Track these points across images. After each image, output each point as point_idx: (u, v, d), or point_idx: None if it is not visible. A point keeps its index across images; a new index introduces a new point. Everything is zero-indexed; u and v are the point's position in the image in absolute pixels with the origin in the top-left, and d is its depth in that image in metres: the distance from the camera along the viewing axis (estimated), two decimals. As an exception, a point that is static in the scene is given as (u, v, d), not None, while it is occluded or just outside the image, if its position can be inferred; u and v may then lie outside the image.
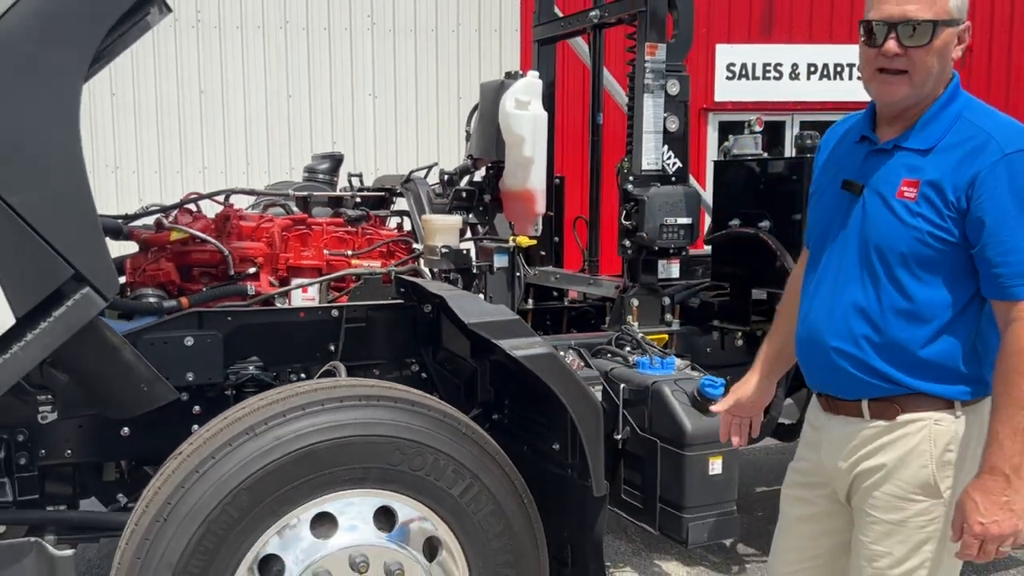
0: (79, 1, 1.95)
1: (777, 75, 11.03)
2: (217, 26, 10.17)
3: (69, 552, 2.20)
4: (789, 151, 10.91)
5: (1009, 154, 1.89)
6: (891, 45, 1.95)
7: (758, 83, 11.02)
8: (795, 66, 11.00)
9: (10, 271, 1.97)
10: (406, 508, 2.42)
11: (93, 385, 2.39)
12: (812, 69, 11.03)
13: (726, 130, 11.02)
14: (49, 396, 2.62)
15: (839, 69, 10.99)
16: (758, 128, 3.81)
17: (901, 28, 1.93)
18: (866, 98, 2.15)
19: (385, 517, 2.41)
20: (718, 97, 10.95)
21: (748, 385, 2.41)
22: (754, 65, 11.00)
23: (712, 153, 10.86)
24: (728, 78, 10.96)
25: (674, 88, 3.63)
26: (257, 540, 2.28)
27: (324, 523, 2.36)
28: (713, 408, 2.56)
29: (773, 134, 11.22)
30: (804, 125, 11.15)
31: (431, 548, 2.46)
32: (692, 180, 4.70)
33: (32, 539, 2.23)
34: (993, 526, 1.86)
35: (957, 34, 1.97)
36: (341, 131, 10.70)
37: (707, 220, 4.46)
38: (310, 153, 11.44)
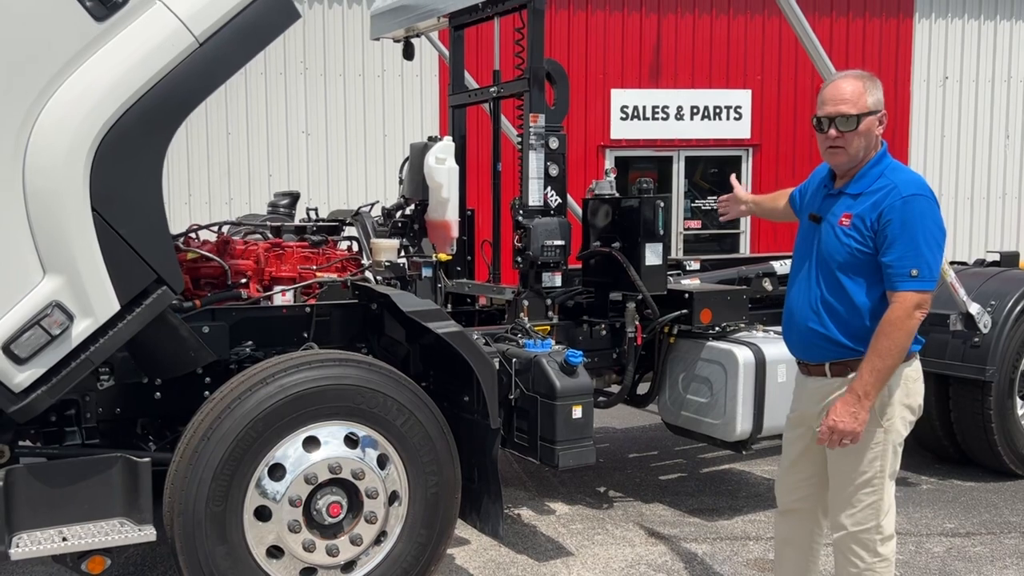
0: (167, 104, 3.13)
1: (664, 116, 12.50)
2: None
3: (147, 459, 3.34)
4: (676, 184, 12.45)
5: (904, 196, 2.98)
6: (832, 132, 3.09)
7: (648, 123, 12.47)
8: (680, 108, 12.49)
9: (117, 275, 3.11)
10: (365, 434, 3.61)
11: (159, 352, 3.52)
12: (695, 111, 12.52)
13: (621, 164, 12.48)
14: (108, 368, 3.73)
15: (717, 111, 12.50)
16: (612, 175, 5.12)
17: (838, 120, 3.07)
18: (738, 135, 3.47)
19: (351, 440, 3.60)
20: (613, 135, 12.35)
21: (745, 194, 3.97)
22: (644, 107, 12.44)
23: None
24: (622, 118, 12.39)
25: (554, 143, 4.90)
26: (268, 453, 3.44)
27: (311, 443, 3.53)
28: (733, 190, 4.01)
29: (663, 167, 12.74)
30: (688, 159, 12.68)
31: (381, 461, 3.65)
32: (578, 209, 6.00)
33: (118, 453, 3.35)
34: (840, 424, 3.04)
35: (877, 119, 3.08)
36: (277, 165, 11.74)
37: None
38: (248, 185, 12.51)
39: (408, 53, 6.10)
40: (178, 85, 3.18)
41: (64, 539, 3.19)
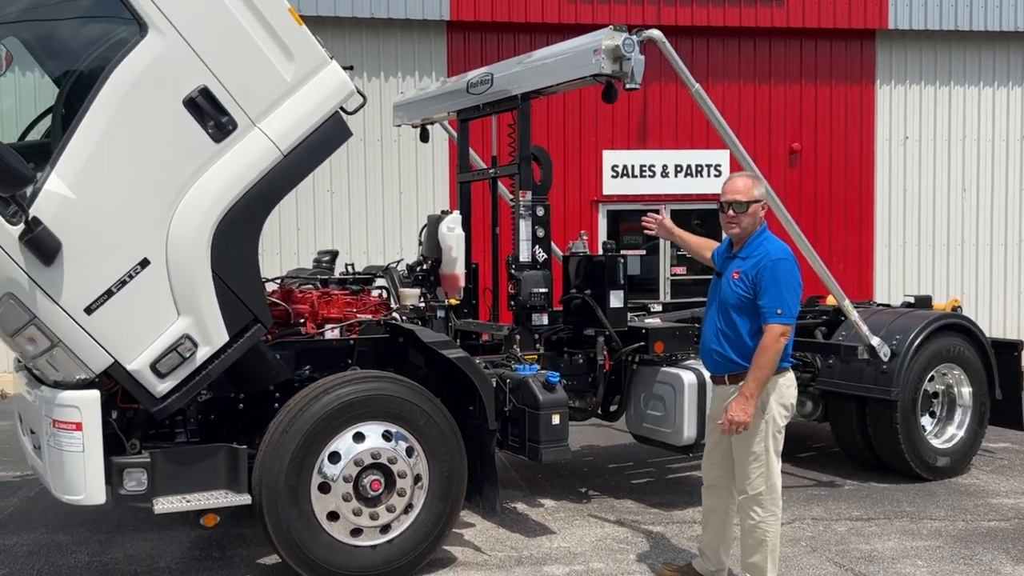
0: (261, 199, 4.52)
1: (651, 174, 13.95)
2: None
3: (244, 447, 4.67)
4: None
5: (773, 260, 4.40)
6: (730, 212, 4.54)
7: (637, 180, 13.92)
8: (665, 167, 13.93)
9: (228, 316, 4.48)
10: (396, 431, 4.94)
11: (250, 371, 4.86)
12: (678, 169, 13.96)
13: (612, 217, 13.92)
14: (207, 386, 5.07)
15: (699, 169, 13.93)
16: (585, 237, 6.50)
17: (734, 204, 4.51)
18: (718, 190, 4.68)
19: (387, 435, 4.93)
20: (605, 192, 13.80)
21: (673, 227, 5.22)
22: (633, 166, 13.90)
23: (602, 235, 13.68)
24: (613, 176, 13.84)
25: (540, 211, 6.27)
26: (328, 443, 4.76)
27: (358, 437, 4.85)
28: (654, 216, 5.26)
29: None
30: (674, 213, 14.04)
31: (409, 451, 4.97)
32: (558, 254, 7.33)
33: (222, 444, 4.69)
34: (735, 417, 4.37)
35: (760, 205, 4.54)
36: (304, 220, 13.16)
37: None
38: (279, 238, 13.93)
39: (424, 137, 7.55)
40: (269, 185, 4.58)
41: (187, 501, 4.55)
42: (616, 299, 6.14)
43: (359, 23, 13.24)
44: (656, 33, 5.69)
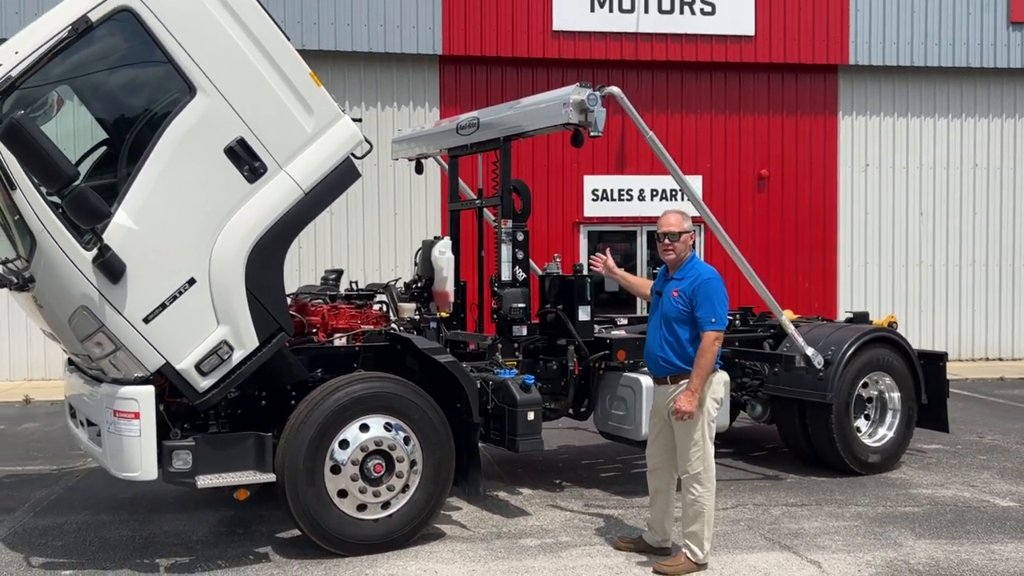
0: (286, 229, 5.48)
1: (629, 197, 14.96)
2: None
3: (270, 435, 5.62)
4: (639, 254, 14.82)
5: (704, 279, 5.43)
6: (666, 241, 5.59)
7: (615, 203, 14.94)
8: (641, 191, 14.95)
9: (258, 325, 5.42)
10: (396, 423, 5.88)
11: (274, 371, 5.80)
12: (654, 193, 14.98)
13: (592, 237, 14.92)
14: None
15: (673, 193, 14.94)
16: (559, 259, 7.48)
17: (668, 235, 5.56)
18: (692, 214, 5.78)
19: (387, 426, 5.87)
20: (587, 214, 14.81)
21: (617, 269, 6.17)
22: (612, 190, 14.92)
23: (584, 254, 14.68)
24: (593, 200, 14.86)
25: (520, 236, 7.25)
26: (339, 432, 5.70)
27: (364, 428, 5.78)
28: (600, 257, 6.28)
29: (628, 240, 15.16)
30: (650, 234, 15.07)
31: (406, 440, 5.90)
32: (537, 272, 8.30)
33: (251, 432, 5.63)
34: (683, 407, 5.34)
35: (689, 236, 5.58)
36: (306, 239, 14.03)
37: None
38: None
39: (419, 169, 8.54)
40: (293, 218, 5.55)
41: (223, 478, 5.48)
42: (584, 313, 7.12)
43: (356, 56, 14.26)
44: (615, 90, 6.68)
